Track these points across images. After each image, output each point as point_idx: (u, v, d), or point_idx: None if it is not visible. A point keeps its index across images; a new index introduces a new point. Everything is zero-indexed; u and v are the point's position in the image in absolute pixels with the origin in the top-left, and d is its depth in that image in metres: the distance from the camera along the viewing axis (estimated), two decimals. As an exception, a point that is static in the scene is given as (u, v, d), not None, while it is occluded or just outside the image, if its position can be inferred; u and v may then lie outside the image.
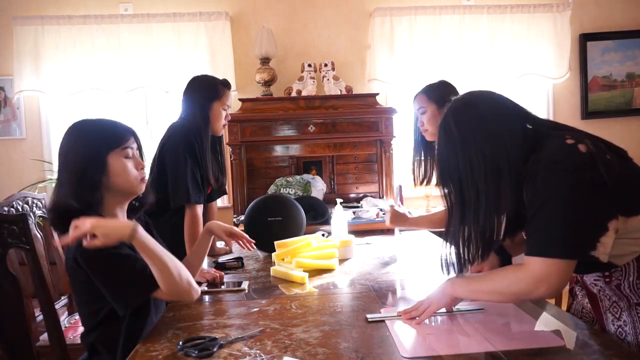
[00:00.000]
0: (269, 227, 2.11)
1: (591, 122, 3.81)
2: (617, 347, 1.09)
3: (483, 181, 1.12)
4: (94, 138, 1.31)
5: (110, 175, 1.30)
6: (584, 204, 1.02)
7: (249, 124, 3.20)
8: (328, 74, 3.36)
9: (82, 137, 1.32)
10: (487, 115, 1.16)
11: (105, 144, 1.30)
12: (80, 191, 1.26)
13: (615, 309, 1.20)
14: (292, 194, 3.06)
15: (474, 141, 1.14)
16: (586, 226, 1.03)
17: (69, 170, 1.29)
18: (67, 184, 1.28)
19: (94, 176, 1.27)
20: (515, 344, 1.11)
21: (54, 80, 3.41)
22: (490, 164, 1.12)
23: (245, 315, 1.39)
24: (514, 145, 1.12)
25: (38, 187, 3.41)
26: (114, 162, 1.31)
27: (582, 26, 3.77)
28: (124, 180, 1.32)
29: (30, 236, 1.70)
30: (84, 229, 1.16)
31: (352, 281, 1.71)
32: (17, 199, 2.01)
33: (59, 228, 1.29)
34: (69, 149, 1.31)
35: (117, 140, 1.32)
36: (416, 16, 3.56)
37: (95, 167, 1.28)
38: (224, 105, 2.12)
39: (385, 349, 1.11)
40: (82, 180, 1.26)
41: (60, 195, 1.29)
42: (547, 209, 1.04)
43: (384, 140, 3.32)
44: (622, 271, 1.14)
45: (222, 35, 3.48)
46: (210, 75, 2.18)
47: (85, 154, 1.28)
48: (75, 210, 1.23)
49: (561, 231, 1.03)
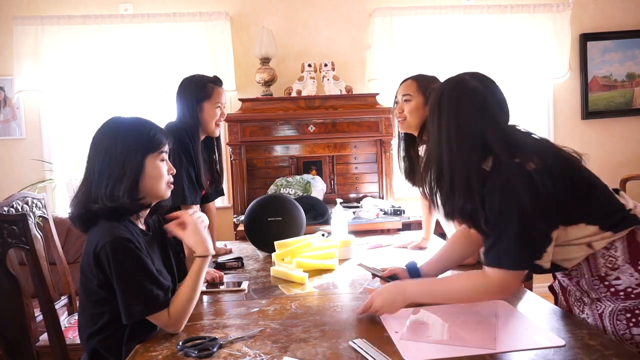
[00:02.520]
0: (269, 227, 2.11)
1: (591, 122, 3.81)
2: (616, 347, 1.09)
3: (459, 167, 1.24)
4: (135, 138, 1.32)
5: (145, 176, 1.31)
6: (532, 219, 1.14)
7: (249, 124, 3.20)
8: (328, 74, 3.36)
9: (123, 134, 1.32)
10: (465, 107, 1.25)
11: (145, 146, 1.32)
12: (123, 186, 1.27)
13: (579, 303, 1.31)
14: (292, 194, 3.06)
15: (449, 130, 1.25)
16: (535, 239, 1.16)
17: (110, 165, 1.28)
18: (107, 177, 1.28)
19: (132, 175, 1.28)
20: (515, 345, 1.11)
21: (54, 80, 3.41)
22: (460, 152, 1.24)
23: (245, 315, 1.39)
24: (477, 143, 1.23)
25: (38, 187, 3.41)
26: (150, 164, 1.32)
27: (582, 26, 3.77)
28: (156, 184, 1.34)
29: (30, 236, 1.70)
30: (188, 219, 1.36)
31: (352, 281, 1.71)
32: (17, 199, 2.00)
33: (83, 225, 1.30)
34: (110, 144, 1.30)
35: (156, 144, 1.34)
36: (416, 16, 3.56)
37: (133, 166, 1.29)
38: (217, 104, 2.04)
39: (385, 350, 1.11)
40: (121, 178, 1.27)
41: (92, 190, 1.28)
42: (502, 225, 1.17)
43: (384, 140, 3.32)
44: (577, 270, 1.27)
45: (222, 35, 3.48)
46: (198, 75, 2.09)
47: (125, 153, 1.29)
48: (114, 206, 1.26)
49: (513, 245, 1.16)
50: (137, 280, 1.23)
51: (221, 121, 2.10)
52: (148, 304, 1.23)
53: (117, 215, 1.28)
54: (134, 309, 1.22)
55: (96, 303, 1.29)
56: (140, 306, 1.22)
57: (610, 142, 3.82)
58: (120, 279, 1.22)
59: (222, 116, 2.10)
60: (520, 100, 3.78)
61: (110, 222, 1.27)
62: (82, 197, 1.30)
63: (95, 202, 1.27)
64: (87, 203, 1.29)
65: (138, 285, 1.23)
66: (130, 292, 1.22)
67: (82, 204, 1.29)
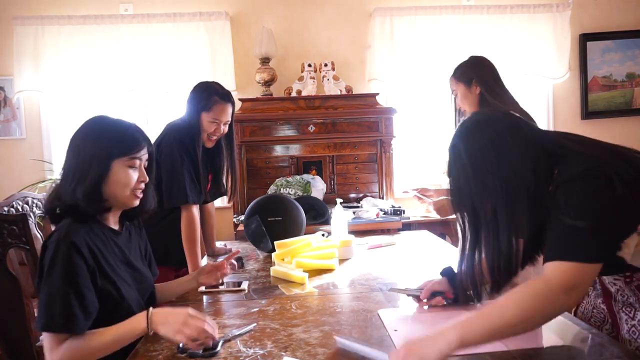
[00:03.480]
0: (269, 227, 2.11)
1: (591, 122, 3.81)
2: (618, 347, 1.09)
3: (501, 204, 1.05)
4: (105, 139, 1.25)
5: (109, 181, 1.25)
6: (612, 208, 0.97)
7: (249, 124, 3.20)
8: (328, 74, 3.36)
9: (95, 134, 1.27)
10: (498, 138, 1.08)
11: (114, 149, 1.25)
12: (83, 187, 1.22)
13: (629, 308, 1.18)
14: (292, 194, 3.06)
15: (485, 165, 1.07)
16: (613, 228, 0.99)
17: (76, 163, 1.25)
18: (71, 175, 1.24)
19: (94, 177, 1.23)
20: (521, 343, 1.09)
21: (54, 80, 3.41)
22: (506, 188, 1.05)
23: (245, 316, 1.39)
24: (528, 167, 1.05)
25: (38, 187, 3.41)
26: (117, 169, 1.25)
27: (582, 26, 3.77)
28: (119, 190, 1.26)
29: (30, 236, 1.70)
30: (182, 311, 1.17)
31: (352, 281, 1.71)
32: (17, 199, 2.01)
33: (52, 220, 1.26)
34: (80, 143, 1.27)
35: (127, 148, 1.26)
36: (416, 16, 3.56)
37: (98, 168, 1.23)
38: (214, 120, 1.95)
39: (385, 350, 1.11)
40: (84, 178, 1.23)
41: (62, 187, 1.25)
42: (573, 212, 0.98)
43: (384, 140, 3.32)
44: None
45: (222, 35, 3.48)
46: (212, 84, 2.02)
47: (93, 153, 1.23)
48: (73, 204, 1.22)
49: (590, 233, 0.97)
50: (62, 293, 1.12)
51: (216, 135, 1.99)
52: (61, 320, 1.11)
53: (78, 216, 1.22)
54: (43, 319, 1.11)
55: None
56: (51, 319, 1.11)
57: (610, 142, 3.81)
58: (45, 284, 1.14)
59: (217, 131, 1.98)
60: (520, 100, 3.77)
61: (72, 222, 1.21)
62: (52, 193, 1.27)
63: (59, 199, 1.24)
64: (54, 199, 1.25)
65: (60, 298, 1.12)
66: (48, 302, 1.12)
67: (51, 199, 1.26)
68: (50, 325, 1.12)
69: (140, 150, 1.29)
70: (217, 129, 1.97)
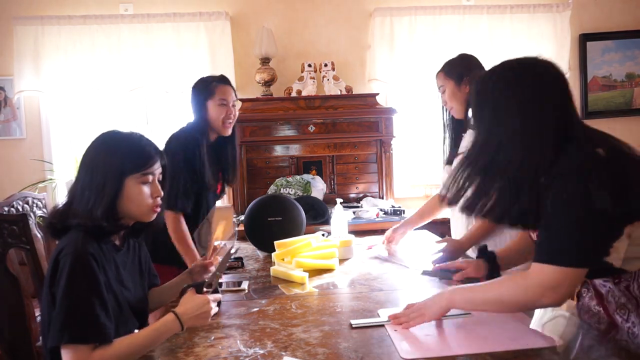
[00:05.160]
0: (269, 227, 2.11)
1: (591, 122, 3.69)
2: (616, 347, 1.09)
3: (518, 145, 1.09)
4: (118, 157, 1.24)
5: (124, 198, 1.24)
6: (598, 210, 0.98)
7: (249, 124, 3.20)
8: (328, 74, 3.36)
9: (106, 151, 1.26)
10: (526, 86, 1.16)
11: (126, 166, 1.24)
12: (101, 208, 1.20)
13: (623, 310, 1.17)
14: (292, 194, 3.06)
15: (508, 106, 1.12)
16: (600, 232, 1.00)
17: (90, 182, 1.23)
18: (87, 195, 1.22)
19: (110, 195, 1.22)
20: (515, 345, 1.11)
21: (54, 80, 3.41)
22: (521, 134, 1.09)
23: (245, 315, 1.39)
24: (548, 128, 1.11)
25: (38, 187, 3.41)
26: (131, 186, 1.25)
27: (582, 26, 3.77)
28: (134, 207, 1.26)
29: (30, 236, 1.70)
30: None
31: (352, 281, 1.71)
32: (17, 199, 2.01)
33: (55, 234, 1.24)
34: (91, 161, 1.25)
35: (140, 165, 1.26)
36: (416, 16, 3.56)
37: (112, 186, 1.22)
38: (220, 101, 2.00)
39: (385, 349, 1.12)
40: (101, 197, 1.21)
41: (74, 204, 1.23)
42: (561, 214, 1.01)
43: (384, 140, 3.32)
44: (629, 273, 1.12)
45: (222, 35, 3.48)
46: (206, 76, 2.09)
47: (105, 171, 1.23)
48: (97, 225, 1.20)
49: (574, 238, 0.99)
50: (88, 303, 1.11)
51: (230, 119, 2.03)
52: (91, 330, 1.10)
53: (95, 236, 1.21)
54: (69, 331, 1.08)
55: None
56: (79, 330, 1.09)
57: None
58: (66, 296, 1.11)
59: (230, 113, 2.02)
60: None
61: (85, 235, 1.19)
62: (62, 209, 1.25)
63: (75, 217, 1.21)
64: (66, 216, 1.23)
65: (86, 309, 1.11)
66: (73, 314, 1.10)
67: (60, 215, 1.24)
68: (77, 338, 1.09)
69: (153, 165, 1.28)
70: (228, 110, 2.02)
